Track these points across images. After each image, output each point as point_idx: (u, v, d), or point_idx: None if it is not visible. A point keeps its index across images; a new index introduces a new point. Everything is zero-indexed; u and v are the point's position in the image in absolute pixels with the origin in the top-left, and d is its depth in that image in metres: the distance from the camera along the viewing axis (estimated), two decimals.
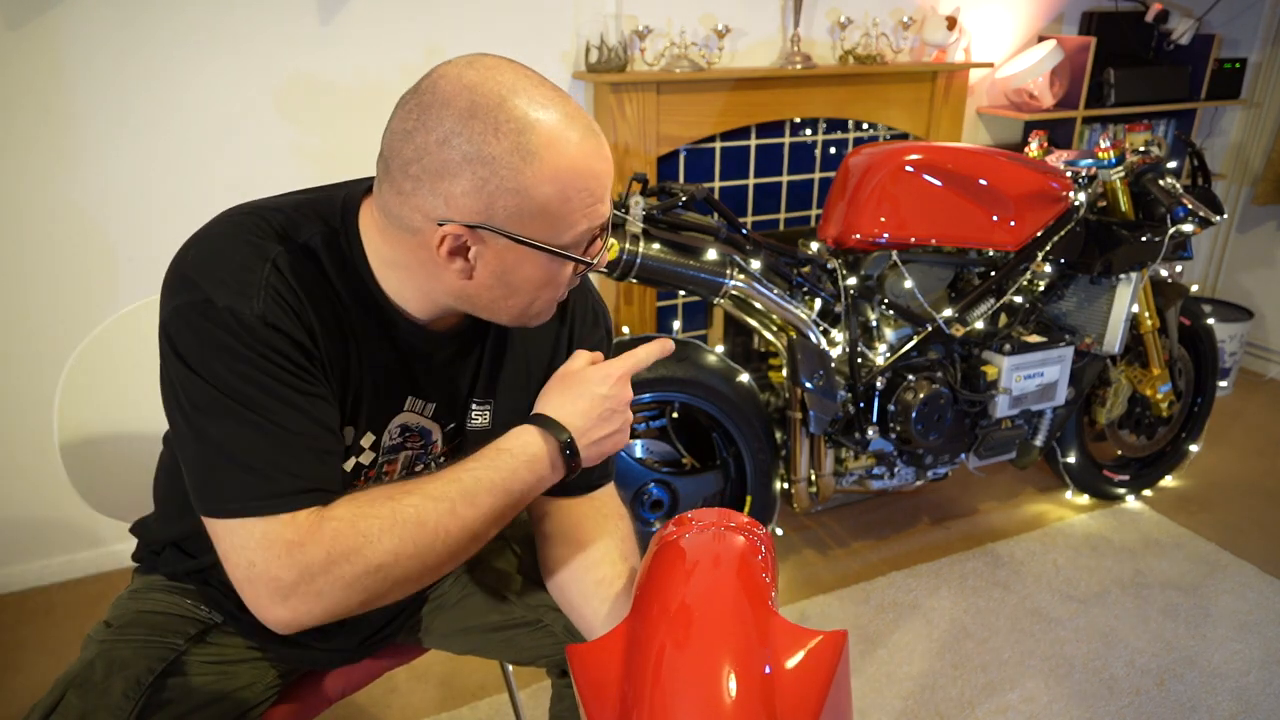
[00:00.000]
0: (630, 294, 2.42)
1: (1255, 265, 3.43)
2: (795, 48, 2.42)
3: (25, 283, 1.90)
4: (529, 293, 0.84)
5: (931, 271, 2.05)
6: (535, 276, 0.83)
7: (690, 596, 0.80)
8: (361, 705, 1.74)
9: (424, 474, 0.93)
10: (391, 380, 0.92)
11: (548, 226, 0.80)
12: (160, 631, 0.99)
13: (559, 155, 0.78)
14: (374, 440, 0.92)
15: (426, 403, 0.95)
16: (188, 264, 0.80)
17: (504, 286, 0.83)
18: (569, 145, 0.78)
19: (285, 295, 0.80)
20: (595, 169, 0.80)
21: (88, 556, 2.12)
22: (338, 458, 0.84)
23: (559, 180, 0.78)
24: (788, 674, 0.75)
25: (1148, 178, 2.11)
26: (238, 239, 0.81)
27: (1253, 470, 2.67)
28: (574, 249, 0.82)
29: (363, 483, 0.93)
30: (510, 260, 0.81)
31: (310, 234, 0.85)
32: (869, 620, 1.99)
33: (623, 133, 2.26)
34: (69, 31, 1.78)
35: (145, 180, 1.93)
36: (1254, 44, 3.23)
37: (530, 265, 0.82)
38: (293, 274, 0.81)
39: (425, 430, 0.97)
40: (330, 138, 2.05)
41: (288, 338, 0.79)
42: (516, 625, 1.12)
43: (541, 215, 0.79)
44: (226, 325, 0.76)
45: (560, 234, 0.81)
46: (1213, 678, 1.83)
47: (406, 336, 0.91)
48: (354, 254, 0.86)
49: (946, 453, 2.13)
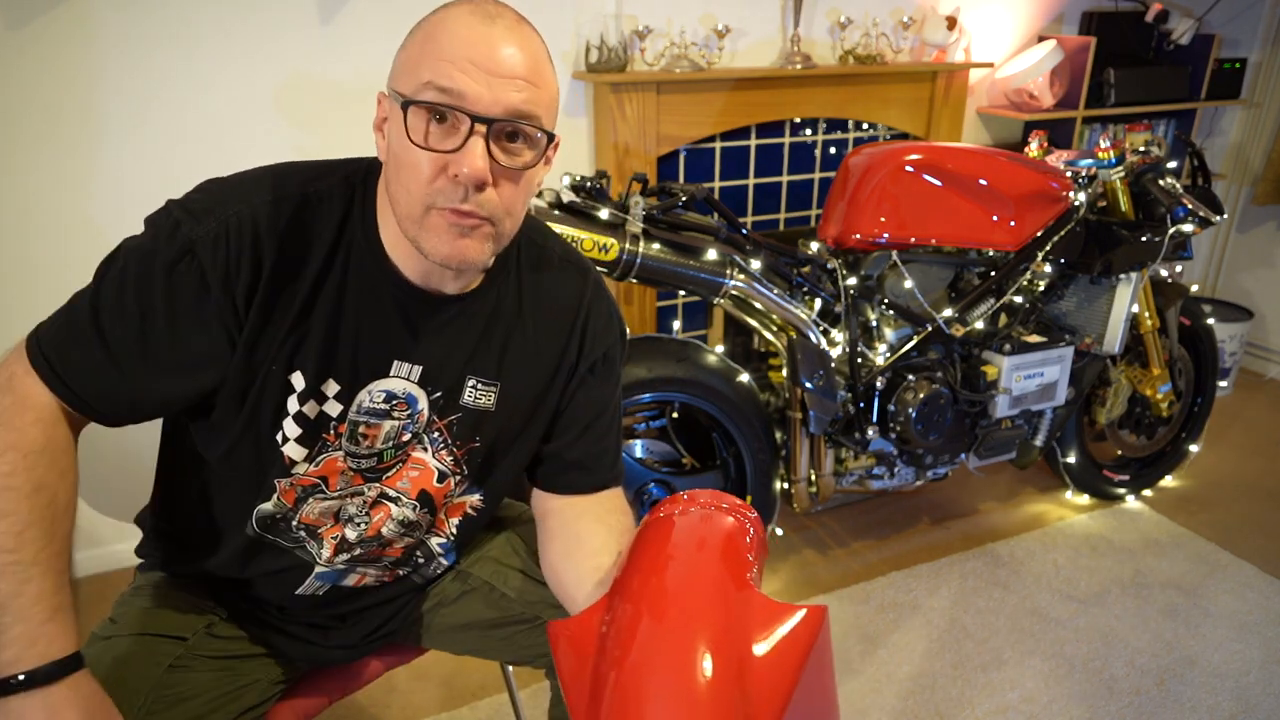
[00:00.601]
0: (630, 294, 2.42)
1: (1255, 265, 3.43)
2: (795, 48, 2.42)
3: (28, 283, 1.90)
4: (401, 180, 0.83)
5: (931, 271, 2.05)
6: (399, 151, 0.82)
7: (671, 572, 0.80)
8: (361, 705, 1.74)
9: (414, 446, 0.96)
10: (377, 338, 0.92)
11: (404, 75, 0.82)
12: (165, 629, 0.99)
13: (440, 15, 0.82)
14: (339, 391, 0.91)
15: (413, 366, 0.94)
16: (201, 185, 0.89)
17: (393, 165, 0.84)
18: (454, 10, 0.82)
19: (235, 238, 0.84)
20: (465, 35, 0.80)
21: (88, 556, 2.12)
22: (122, 391, 0.86)
23: (425, 29, 0.82)
24: (765, 651, 0.74)
25: (1148, 178, 2.11)
26: (241, 181, 0.89)
27: (1253, 470, 2.67)
28: (415, 104, 0.80)
29: (331, 437, 0.93)
30: (395, 128, 0.83)
31: (323, 186, 0.89)
32: (869, 620, 1.99)
33: (623, 133, 2.26)
34: (69, 32, 1.78)
35: (145, 180, 1.93)
36: (1254, 44, 3.23)
37: (395, 129, 0.82)
38: (269, 221, 0.86)
39: (412, 397, 0.95)
40: (330, 138, 2.05)
41: (199, 269, 0.83)
42: (515, 623, 1.13)
43: (404, 65, 0.83)
44: (163, 234, 0.84)
45: (408, 83, 0.81)
46: (1213, 678, 1.83)
47: (399, 295, 0.91)
48: (365, 211, 0.90)
49: (946, 453, 2.13)
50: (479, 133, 0.79)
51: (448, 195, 0.81)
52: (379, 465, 0.97)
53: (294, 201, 0.87)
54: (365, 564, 1.04)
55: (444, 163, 0.80)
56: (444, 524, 1.07)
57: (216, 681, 0.99)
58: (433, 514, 1.04)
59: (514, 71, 0.80)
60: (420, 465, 0.99)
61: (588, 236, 1.67)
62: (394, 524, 1.02)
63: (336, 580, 1.04)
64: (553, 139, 0.86)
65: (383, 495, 1.00)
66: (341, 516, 0.99)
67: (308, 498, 0.96)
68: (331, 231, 0.88)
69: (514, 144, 0.83)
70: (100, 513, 2.05)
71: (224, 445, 0.91)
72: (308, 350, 0.88)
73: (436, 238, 0.83)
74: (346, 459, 0.95)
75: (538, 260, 1.03)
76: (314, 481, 0.95)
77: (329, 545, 1.00)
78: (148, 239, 0.85)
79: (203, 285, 0.83)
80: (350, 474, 0.96)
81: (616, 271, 1.73)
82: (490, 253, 0.87)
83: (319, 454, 0.93)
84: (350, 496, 0.98)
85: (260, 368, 0.87)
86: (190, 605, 1.03)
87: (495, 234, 0.86)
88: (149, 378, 0.85)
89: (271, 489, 0.94)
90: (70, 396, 0.84)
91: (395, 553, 1.05)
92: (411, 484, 1.00)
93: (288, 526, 0.97)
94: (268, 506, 0.95)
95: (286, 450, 0.91)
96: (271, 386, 0.88)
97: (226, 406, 0.88)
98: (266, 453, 0.91)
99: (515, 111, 0.81)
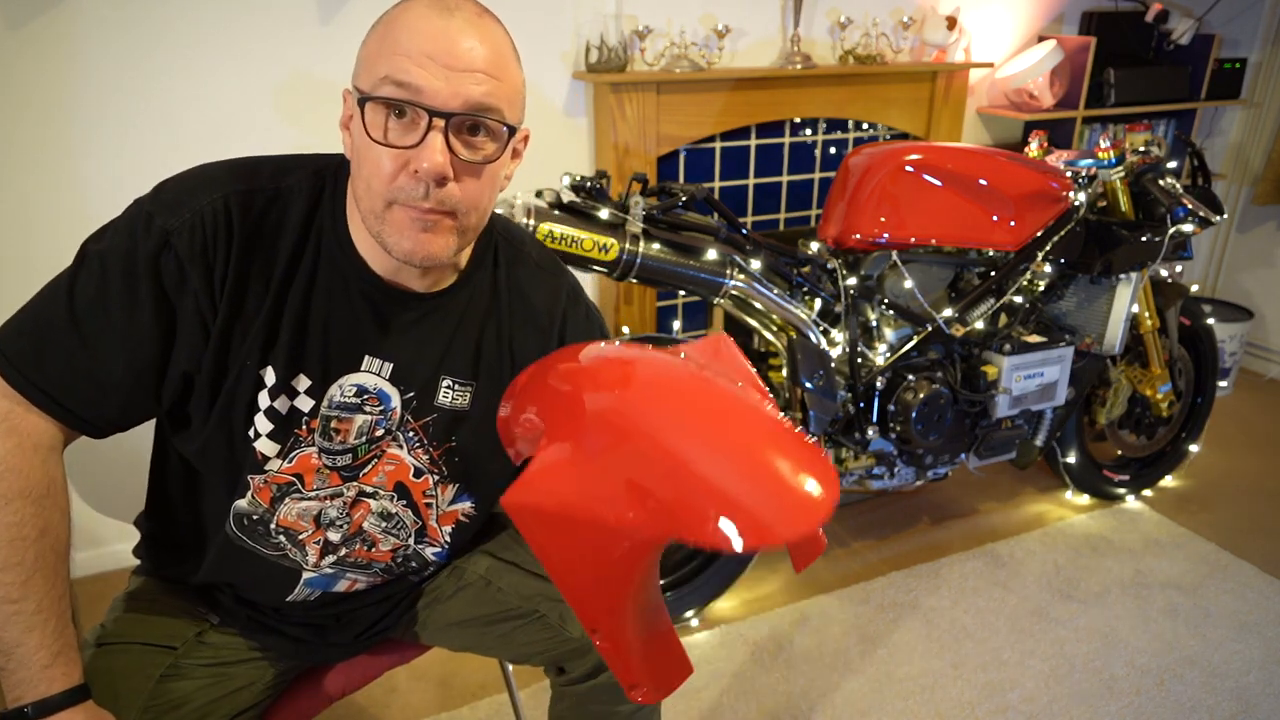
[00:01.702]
0: (630, 294, 2.42)
1: (1255, 265, 3.43)
2: (795, 48, 2.42)
3: (27, 282, 1.89)
4: (363, 176, 0.83)
5: (931, 271, 2.05)
6: (361, 148, 0.83)
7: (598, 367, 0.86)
8: (361, 705, 1.74)
9: (389, 443, 0.96)
10: (349, 334, 0.92)
11: (364, 71, 0.82)
12: (157, 636, 0.99)
13: (398, 9, 0.82)
14: (310, 385, 0.91)
15: (384, 362, 0.94)
16: (169, 179, 0.88)
17: (356, 162, 0.85)
18: (412, 5, 0.82)
19: (210, 228, 0.84)
20: (423, 28, 0.80)
21: (88, 556, 2.11)
22: (111, 392, 0.85)
23: (383, 24, 0.82)
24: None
25: (1148, 178, 2.11)
26: (209, 172, 0.88)
27: (1253, 470, 2.67)
28: (372, 100, 0.80)
29: (304, 432, 0.93)
30: (356, 125, 0.83)
31: (293, 180, 0.89)
32: (869, 620, 1.99)
33: (623, 133, 2.26)
34: (69, 32, 1.78)
35: (145, 180, 1.92)
36: (1254, 44, 3.23)
37: (357, 126, 0.83)
38: (241, 211, 0.85)
39: (384, 394, 0.95)
40: (330, 138, 2.05)
41: (176, 259, 0.83)
42: (512, 617, 1.12)
43: (363, 61, 0.83)
44: (139, 229, 0.84)
45: (367, 79, 0.82)
46: (1213, 678, 1.83)
47: (368, 290, 0.91)
48: (334, 206, 0.90)
49: (946, 453, 2.13)
50: (437, 127, 0.79)
51: (409, 192, 0.81)
52: (354, 462, 0.97)
53: (266, 194, 0.88)
54: (355, 569, 1.04)
55: (405, 159, 0.80)
56: (437, 533, 1.06)
57: (208, 688, 0.99)
58: (414, 510, 1.03)
59: (472, 65, 0.80)
60: (396, 460, 0.99)
61: (588, 236, 1.67)
62: (375, 518, 1.01)
63: (327, 586, 1.04)
64: (514, 131, 0.86)
65: (361, 493, 0.99)
66: (323, 521, 0.99)
67: (284, 497, 0.95)
68: (300, 225, 0.88)
69: (475, 138, 0.83)
70: (100, 513, 2.05)
71: (198, 441, 0.91)
72: (279, 345, 0.89)
73: (399, 234, 0.83)
74: (320, 455, 0.94)
75: (512, 259, 1.03)
76: (289, 479, 0.94)
77: (313, 551, 0.99)
78: (122, 237, 0.84)
79: (181, 274, 0.84)
80: (326, 472, 0.96)
81: (616, 271, 1.73)
82: (455, 247, 0.86)
83: (292, 450, 0.93)
84: (330, 499, 0.97)
85: (234, 362, 0.88)
86: (181, 611, 1.02)
87: (459, 228, 0.85)
88: (134, 375, 0.85)
89: (246, 486, 0.93)
90: (62, 413, 0.84)
91: (383, 557, 1.05)
92: (388, 477, 1.00)
93: (266, 530, 0.97)
94: (243, 504, 0.95)
95: (259, 446, 0.91)
96: (245, 381, 0.88)
97: (200, 399, 0.89)
98: (240, 449, 0.91)
99: (475, 105, 0.80)
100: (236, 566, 0.99)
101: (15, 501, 0.80)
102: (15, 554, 0.79)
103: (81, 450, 1.20)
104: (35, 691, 0.80)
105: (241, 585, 1.03)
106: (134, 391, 0.86)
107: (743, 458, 0.70)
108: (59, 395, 0.83)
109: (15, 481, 0.80)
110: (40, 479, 0.82)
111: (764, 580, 2.14)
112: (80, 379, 0.83)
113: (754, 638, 1.94)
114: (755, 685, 1.80)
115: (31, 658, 0.80)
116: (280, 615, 1.06)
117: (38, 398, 0.82)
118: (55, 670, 0.81)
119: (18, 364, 0.82)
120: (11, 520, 0.79)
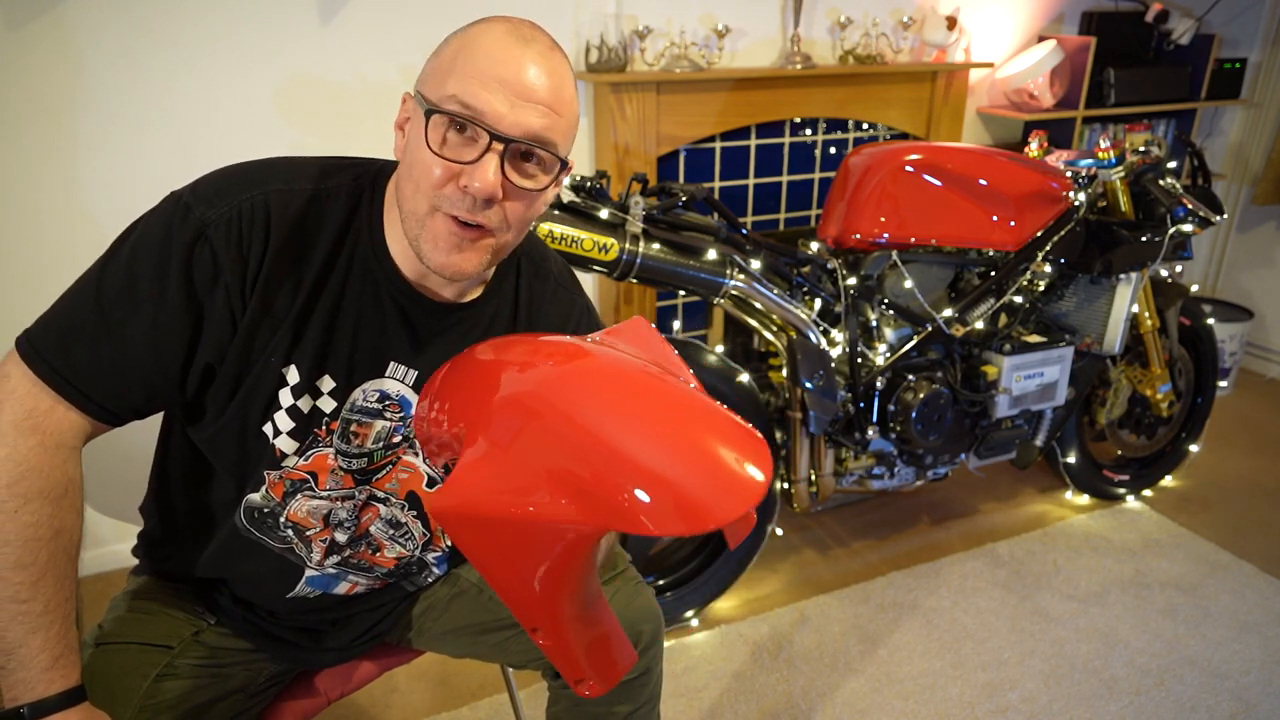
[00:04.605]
0: (630, 294, 2.42)
1: (1255, 265, 3.43)
2: (795, 48, 2.42)
3: (26, 282, 1.90)
4: (412, 177, 0.84)
5: (931, 271, 2.05)
6: (415, 150, 0.83)
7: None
8: (361, 705, 1.74)
9: (405, 450, 0.97)
10: (376, 340, 0.93)
11: (433, 81, 0.83)
12: (154, 636, 0.99)
13: (476, 29, 0.83)
14: (335, 388, 0.92)
15: (409, 370, 0.95)
16: (209, 174, 0.88)
17: (406, 163, 0.85)
18: (491, 27, 0.83)
19: (248, 223, 0.84)
20: (498, 53, 0.81)
21: (87, 556, 2.11)
22: (137, 382, 0.85)
23: (460, 40, 0.84)
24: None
25: (1148, 178, 2.11)
26: (250, 169, 0.89)
27: (1253, 470, 2.67)
28: (438, 113, 0.81)
29: (323, 433, 0.93)
30: (415, 130, 0.84)
31: (333, 183, 0.90)
32: (869, 620, 1.99)
33: (623, 133, 2.26)
34: (69, 32, 1.78)
35: (146, 180, 1.92)
36: (1254, 44, 3.23)
37: (415, 131, 0.83)
38: (280, 210, 0.86)
39: (405, 400, 0.97)
40: (330, 138, 2.05)
41: (211, 251, 0.83)
42: (505, 626, 1.13)
43: (433, 72, 0.84)
44: (176, 220, 0.83)
45: (435, 90, 0.83)
46: (1213, 678, 1.83)
47: (399, 297, 0.92)
48: (371, 211, 0.90)
49: (946, 453, 2.13)
50: (495, 150, 0.81)
51: (454, 202, 0.82)
52: (369, 466, 0.97)
53: (305, 195, 0.88)
54: (357, 571, 1.04)
55: (456, 171, 0.81)
56: (440, 540, 1.08)
57: (204, 688, 0.99)
58: (424, 521, 1.04)
59: (538, 96, 0.82)
60: (410, 468, 1.00)
61: (588, 236, 1.67)
62: (382, 523, 1.02)
63: (327, 587, 1.04)
64: (565, 165, 0.88)
65: (372, 497, 1.00)
66: (331, 520, 0.99)
67: (296, 493, 0.96)
68: (338, 228, 0.89)
69: (528, 165, 0.85)
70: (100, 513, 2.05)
71: (210, 430, 0.91)
72: (305, 345, 0.89)
73: (434, 246, 0.84)
74: (337, 456, 0.95)
75: (535, 274, 1.04)
76: (303, 476, 0.95)
77: (319, 549, 1.00)
78: (156, 227, 0.84)
79: (215, 266, 0.84)
80: (341, 474, 0.96)
81: (616, 271, 1.73)
82: (486, 265, 0.88)
83: (309, 448, 0.93)
84: (341, 500, 0.98)
85: (258, 357, 0.88)
86: (181, 610, 1.02)
87: (494, 246, 0.87)
88: (161, 366, 0.85)
89: (261, 480, 0.94)
90: (87, 404, 0.83)
91: (388, 563, 1.05)
92: (400, 485, 1.00)
93: (275, 524, 0.97)
94: (256, 498, 0.95)
95: (278, 443, 0.92)
96: (266, 377, 0.89)
97: (219, 391, 0.89)
98: (252, 443, 0.91)
99: (534, 135, 0.82)
100: (240, 559, 1.00)
101: (34, 501, 0.79)
102: (29, 554, 0.79)
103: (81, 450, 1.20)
104: (33, 692, 0.80)
105: (241, 580, 1.03)
106: (160, 382, 0.86)
107: (673, 440, 0.69)
108: (84, 386, 0.83)
109: (35, 481, 0.80)
110: (60, 479, 0.82)
111: (764, 580, 2.14)
112: (106, 369, 0.83)
113: (754, 638, 1.94)
114: (755, 685, 1.80)
115: (33, 659, 0.80)
116: (276, 619, 1.06)
117: (64, 388, 0.82)
118: (55, 672, 0.81)
119: (46, 355, 0.82)
120: (29, 520, 0.79)
